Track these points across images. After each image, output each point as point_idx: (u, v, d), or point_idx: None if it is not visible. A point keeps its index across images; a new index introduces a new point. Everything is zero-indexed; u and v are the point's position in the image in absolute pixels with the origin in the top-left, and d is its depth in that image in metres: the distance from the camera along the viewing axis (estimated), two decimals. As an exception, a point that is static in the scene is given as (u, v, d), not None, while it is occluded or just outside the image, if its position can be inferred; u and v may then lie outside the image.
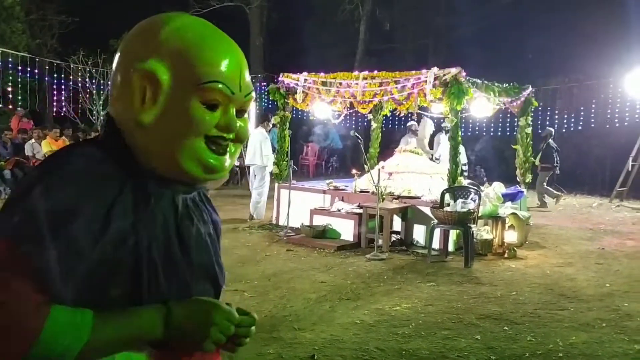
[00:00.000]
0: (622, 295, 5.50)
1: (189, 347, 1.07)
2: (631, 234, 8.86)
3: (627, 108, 13.78)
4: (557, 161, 11.88)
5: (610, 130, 13.97)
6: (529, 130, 9.03)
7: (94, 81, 14.53)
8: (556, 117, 15.26)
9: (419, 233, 7.62)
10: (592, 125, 14.52)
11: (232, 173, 15.16)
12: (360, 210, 7.49)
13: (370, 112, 9.78)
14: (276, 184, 9.06)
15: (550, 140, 11.91)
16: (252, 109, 18.51)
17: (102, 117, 14.41)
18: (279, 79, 8.96)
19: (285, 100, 8.93)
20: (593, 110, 14.61)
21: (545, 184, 11.88)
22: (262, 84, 18.21)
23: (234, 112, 1.10)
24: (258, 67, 19.31)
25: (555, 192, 12.05)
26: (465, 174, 10.16)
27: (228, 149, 1.12)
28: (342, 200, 8.14)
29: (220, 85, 1.06)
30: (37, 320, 0.91)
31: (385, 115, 10.09)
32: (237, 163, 13.96)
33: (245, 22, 19.73)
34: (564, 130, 15.30)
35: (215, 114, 1.07)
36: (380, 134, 10.23)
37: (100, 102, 14.49)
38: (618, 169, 12.71)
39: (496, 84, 8.08)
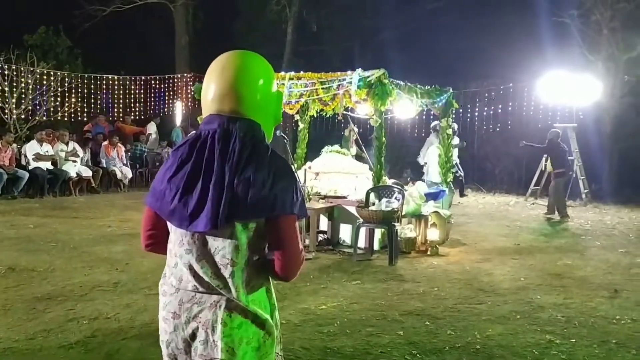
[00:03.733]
0: (535, 288, 5.80)
1: None
2: (544, 230, 9.37)
3: (540, 111, 14.57)
4: (569, 163, 10.84)
5: (525, 131, 14.68)
6: (450, 131, 9.32)
7: (6, 78, 13.72)
8: (476, 119, 15.90)
9: (345, 232, 7.71)
10: (509, 127, 15.24)
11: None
12: (287, 211, 7.47)
13: (297, 113, 9.78)
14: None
15: (560, 142, 10.84)
16: (179, 108, 18.14)
17: (14, 116, 13.63)
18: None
19: (211, 100, 8.77)
20: (510, 113, 15.34)
21: (565, 192, 10.72)
22: (189, 83, 17.87)
23: None
24: (184, 66, 18.93)
25: (564, 208, 10.57)
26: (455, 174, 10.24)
27: None
28: (269, 200, 8.08)
29: None
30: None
31: (312, 116, 10.13)
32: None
33: (170, 20, 19.28)
34: (483, 132, 15.99)
35: None
36: (307, 135, 10.26)
37: (13, 100, 13.69)
38: (533, 169, 13.37)
39: (419, 86, 8.30)
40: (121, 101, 17.40)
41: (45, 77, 14.75)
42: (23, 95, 13.98)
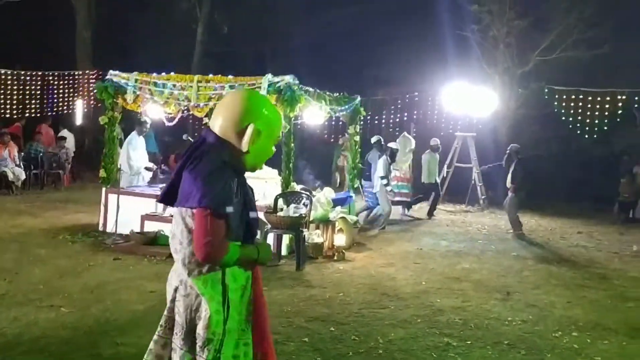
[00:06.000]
0: (435, 292, 6.03)
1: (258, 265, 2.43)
2: (445, 235, 9.76)
3: (443, 119, 15.22)
4: (524, 179, 9.88)
5: (430, 139, 15.26)
6: (357, 137, 9.53)
7: None
8: (383, 126, 16.36)
9: (253, 238, 7.63)
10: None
11: (53, 175, 13.98)
12: (194, 216, 7.30)
13: (206, 116, 9.59)
14: (103, 189, 8.51)
15: (519, 157, 10.08)
16: (80, 106, 17.25)
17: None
18: (107, 77, 8.45)
19: (114, 100, 8.44)
20: (415, 120, 15.91)
21: (516, 207, 9.94)
22: (91, 80, 17.03)
23: None
24: (86, 62, 17.97)
25: (519, 224, 9.98)
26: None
27: None
28: (175, 205, 7.85)
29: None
30: (226, 246, 2.19)
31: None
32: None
33: (71, 12, 18.27)
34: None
35: None
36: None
37: None
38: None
39: (327, 93, 8.41)
40: (14, 98, 16.22)
41: None
42: None
